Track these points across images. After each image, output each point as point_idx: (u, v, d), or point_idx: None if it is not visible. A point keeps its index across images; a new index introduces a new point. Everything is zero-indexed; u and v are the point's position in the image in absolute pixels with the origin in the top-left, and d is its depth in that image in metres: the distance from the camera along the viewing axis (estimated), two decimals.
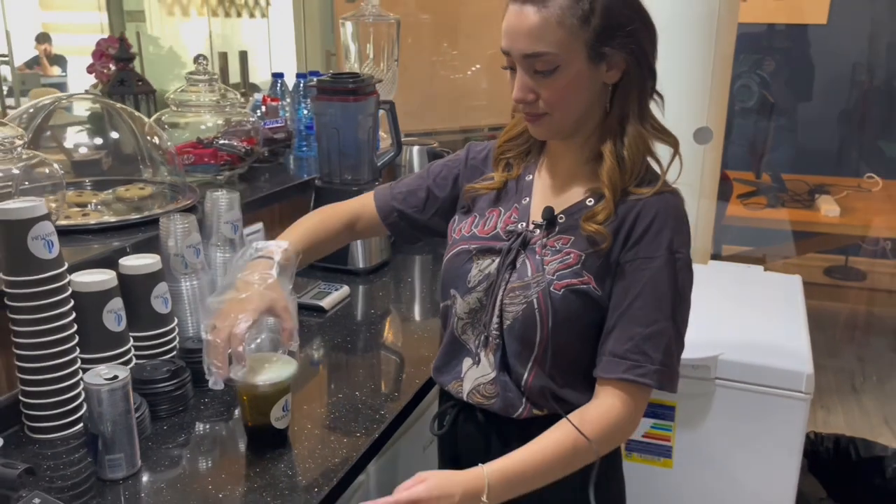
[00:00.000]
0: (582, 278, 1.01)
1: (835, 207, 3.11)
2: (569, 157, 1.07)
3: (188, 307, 1.37)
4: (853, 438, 2.14)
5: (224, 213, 1.43)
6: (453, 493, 0.93)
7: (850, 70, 4.33)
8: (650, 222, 1.00)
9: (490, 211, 1.12)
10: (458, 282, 1.10)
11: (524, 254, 1.05)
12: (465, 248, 1.11)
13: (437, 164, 1.23)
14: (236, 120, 1.80)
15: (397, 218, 1.22)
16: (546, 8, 0.93)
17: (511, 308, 1.04)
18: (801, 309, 1.79)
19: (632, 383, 0.99)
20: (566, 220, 1.04)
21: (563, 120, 1.01)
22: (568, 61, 0.95)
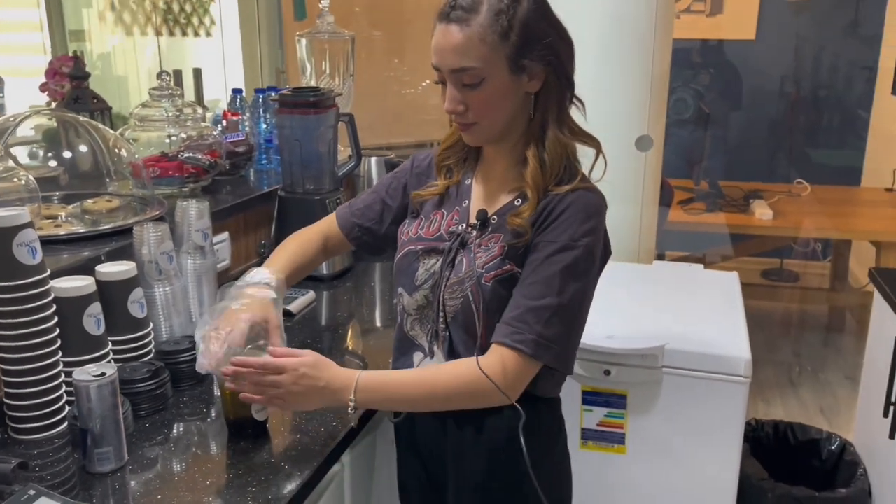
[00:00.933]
0: (505, 266, 1.10)
1: (768, 211, 3.29)
2: (500, 161, 1.17)
3: (162, 312, 1.41)
4: (791, 424, 2.28)
5: (194, 221, 1.48)
6: (320, 377, 1.07)
7: (779, 82, 4.59)
8: (560, 212, 1.09)
9: (434, 213, 1.22)
10: (405, 280, 1.20)
11: (462, 252, 1.15)
12: (413, 248, 1.20)
13: (387, 177, 1.33)
14: (199, 134, 1.85)
15: (359, 233, 1.32)
16: (469, 26, 1.03)
17: (451, 302, 1.14)
18: (739, 302, 1.93)
19: (509, 348, 1.07)
20: (497, 220, 1.14)
21: (490, 127, 1.11)
22: (491, 74, 1.05)
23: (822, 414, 3.13)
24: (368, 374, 1.11)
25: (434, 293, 1.16)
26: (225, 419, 1.19)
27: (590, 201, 1.11)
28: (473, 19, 1.03)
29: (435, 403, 1.13)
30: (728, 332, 1.75)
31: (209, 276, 1.52)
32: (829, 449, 2.19)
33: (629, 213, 2.32)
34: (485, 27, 1.03)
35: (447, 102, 1.09)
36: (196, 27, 5.21)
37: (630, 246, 2.35)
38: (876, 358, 2.03)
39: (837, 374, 3.45)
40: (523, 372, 1.09)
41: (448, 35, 1.04)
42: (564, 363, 1.11)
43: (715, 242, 3.74)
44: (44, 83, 2.08)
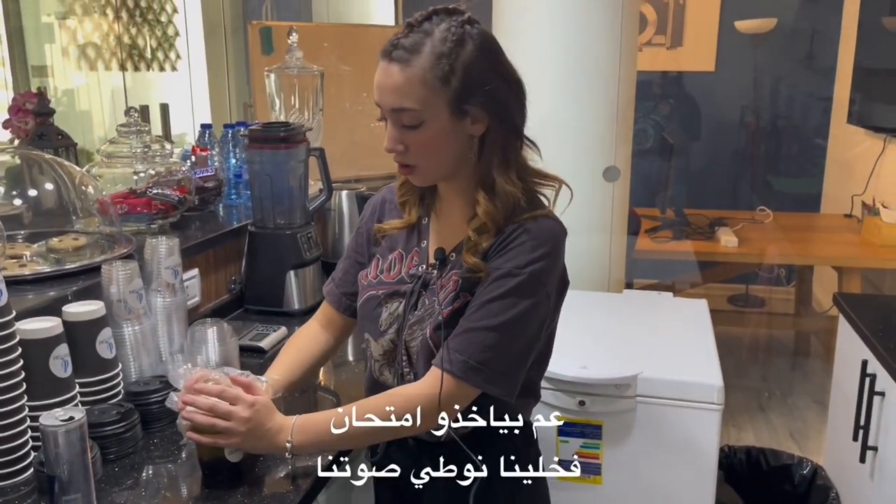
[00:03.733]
0: (460, 299, 1.10)
1: (733, 238, 3.35)
2: (456, 199, 1.15)
3: (131, 351, 1.39)
4: (763, 449, 2.30)
5: (164, 258, 1.46)
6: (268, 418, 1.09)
7: (739, 112, 4.71)
8: (513, 240, 1.08)
9: (392, 255, 1.20)
10: (370, 326, 1.19)
11: (425, 294, 1.14)
12: (374, 293, 1.19)
13: (351, 239, 1.33)
14: (167, 170, 1.84)
15: (349, 302, 1.29)
16: (410, 67, 1.01)
17: (412, 344, 1.13)
18: (709, 329, 1.95)
19: (440, 369, 1.07)
20: (457, 257, 1.14)
21: (431, 170, 1.10)
22: (431, 117, 1.03)
23: (792, 438, 3.16)
24: (305, 415, 1.11)
25: (399, 337, 1.15)
26: (198, 460, 1.16)
27: (543, 229, 1.09)
28: (415, 60, 1.01)
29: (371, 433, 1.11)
30: (700, 360, 1.77)
31: (179, 314, 1.49)
32: (801, 474, 2.20)
33: (599, 243, 2.35)
34: (425, 70, 1.01)
35: (387, 141, 1.07)
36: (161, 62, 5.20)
37: (600, 275, 2.37)
38: (842, 382, 2.06)
39: (805, 397, 3.50)
40: (454, 394, 1.07)
41: (389, 74, 1.03)
42: (500, 387, 1.08)
43: (682, 270, 3.80)
44: (6, 120, 2.06)
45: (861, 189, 3.77)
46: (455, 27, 1.03)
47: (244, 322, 1.77)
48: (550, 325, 1.17)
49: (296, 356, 1.32)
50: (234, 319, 1.83)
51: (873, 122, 3.66)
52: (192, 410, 1.08)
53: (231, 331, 1.51)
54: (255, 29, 3.29)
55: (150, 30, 5.11)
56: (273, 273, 1.84)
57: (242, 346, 1.60)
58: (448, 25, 1.03)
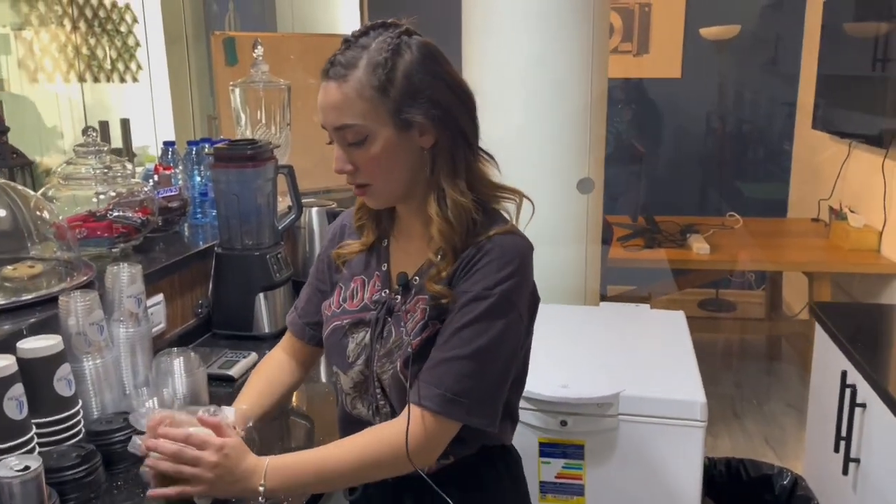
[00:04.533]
0: (429, 329, 1.05)
1: (705, 246, 3.35)
2: (414, 219, 1.11)
3: (92, 387, 1.31)
4: (742, 460, 2.28)
5: (126, 287, 1.39)
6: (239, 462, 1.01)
7: (705, 118, 4.74)
8: (477, 261, 1.03)
9: (354, 281, 1.16)
10: (338, 358, 1.14)
11: (390, 321, 1.09)
12: (339, 323, 1.14)
13: (313, 266, 1.28)
14: (129, 191, 1.76)
15: (312, 331, 1.25)
16: (346, 82, 0.98)
17: (384, 376, 1.08)
18: (688, 342, 1.93)
19: (418, 406, 1.02)
20: (420, 281, 1.09)
21: (385, 187, 1.05)
22: (375, 131, 1.00)
23: (768, 444, 3.17)
24: (279, 457, 1.05)
25: (369, 367, 1.11)
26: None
27: (507, 246, 1.04)
28: (351, 74, 0.98)
29: (349, 476, 1.06)
30: (680, 375, 1.74)
31: (143, 345, 1.42)
32: (781, 484, 2.19)
33: (574, 255, 2.31)
34: (362, 82, 0.98)
35: (335, 162, 1.04)
36: (122, 73, 5.08)
37: (577, 287, 2.34)
38: (821, 392, 2.06)
39: (780, 403, 3.51)
40: (436, 431, 1.02)
41: (328, 92, 1.00)
42: (481, 417, 1.03)
43: (654, 276, 3.80)
44: None
45: (827, 194, 3.81)
46: (391, 38, 1.01)
47: (212, 348, 1.70)
48: (525, 345, 1.12)
49: (265, 385, 1.26)
50: (201, 346, 1.76)
51: (837, 127, 3.70)
52: (157, 457, 1.01)
53: (198, 360, 1.44)
54: (219, 39, 3.22)
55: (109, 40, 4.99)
56: (242, 296, 1.78)
57: (211, 374, 1.54)
58: (385, 37, 1.01)
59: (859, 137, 3.38)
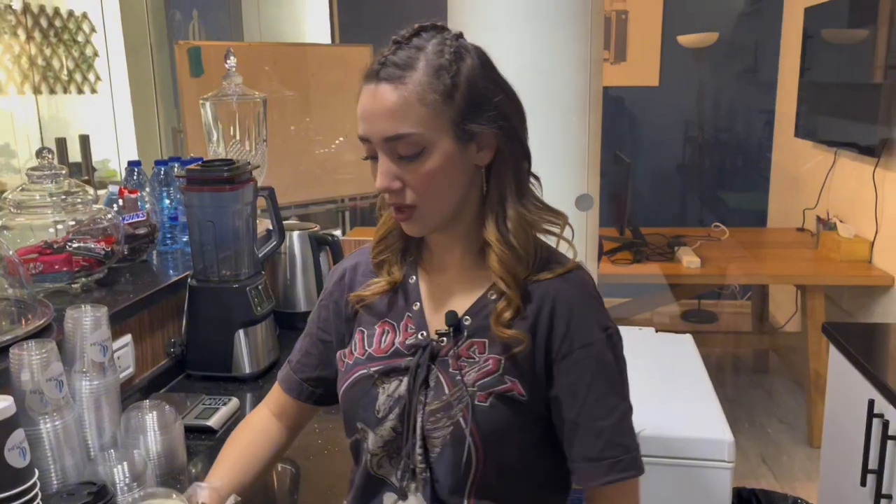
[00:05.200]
0: (505, 385, 0.91)
1: (695, 259, 3.25)
2: (454, 249, 0.97)
3: (50, 453, 1.13)
4: (754, 490, 2.17)
5: (89, 333, 1.21)
6: None
7: (684, 127, 4.67)
8: (572, 309, 0.92)
9: (380, 325, 1.00)
10: (364, 413, 0.97)
11: (435, 368, 0.94)
12: (365, 372, 0.97)
13: (313, 313, 1.11)
14: (90, 218, 1.58)
15: (311, 388, 1.10)
16: (404, 85, 0.85)
17: (436, 434, 0.92)
18: (702, 372, 1.81)
19: (620, 482, 0.91)
20: (472, 322, 0.95)
21: (434, 210, 0.91)
22: (433, 142, 0.87)
23: (765, 464, 3.07)
24: None
25: (403, 422, 0.94)
26: None
27: (590, 281, 0.96)
28: (410, 77, 0.85)
29: None
30: (702, 410, 1.62)
31: (110, 398, 1.24)
32: None
33: None
34: (424, 86, 0.85)
35: (380, 178, 0.88)
36: (80, 84, 4.84)
37: None
38: (839, 417, 1.95)
39: (772, 419, 3.42)
40: (635, 497, 0.94)
41: (379, 97, 0.86)
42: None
43: (643, 291, 3.69)
44: None
45: (812, 203, 3.75)
46: (449, 40, 0.89)
47: (187, 393, 1.52)
48: None
49: (245, 454, 1.09)
50: (174, 390, 1.58)
51: (821, 135, 3.64)
52: None
53: (174, 414, 1.28)
54: (183, 49, 3.05)
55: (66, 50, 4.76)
56: (219, 333, 1.60)
57: (188, 426, 1.36)
58: (441, 39, 0.89)
59: (849, 146, 3.31)
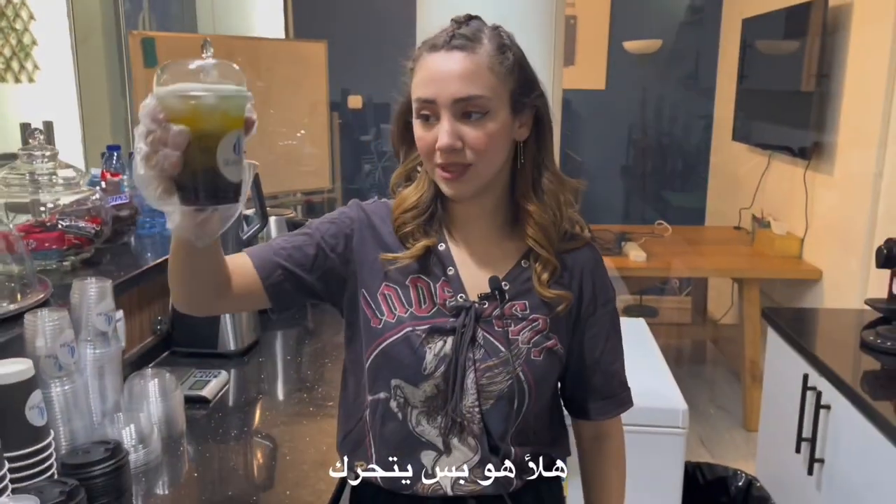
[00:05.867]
0: (552, 341, 1.04)
1: (641, 253, 3.43)
2: (482, 221, 1.06)
3: (60, 416, 1.19)
4: (698, 464, 2.33)
5: (94, 304, 1.27)
6: None
7: (628, 129, 4.88)
8: (594, 274, 1.09)
9: (411, 281, 1.04)
10: (407, 370, 1.02)
11: (480, 329, 1.02)
12: (411, 330, 1.02)
13: (322, 223, 1.09)
14: (75, 199, 1.62)
15: (281, 277, 1.03)
16: (476, 54, 0.96)
17: (493, 387, 1.02)
18: (656, 350, 1.95)
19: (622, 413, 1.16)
20: (511, 287, 1.05)
21: (485, 171, 0.99)
22: (497, 108, 0.97)
23: (704, 446, 3.26)
24: None
25: (447, 380, 1.01)
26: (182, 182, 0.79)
27: (599, 252, 1.13)
28: (479, 48, 0.96)
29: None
30: (658, 383, 1.76)
31: (113, 367, 1.30)
32: (736, 486, 2.25)
33: None
34: (493, 57, 0.97)
35: (444, 136, 0.95)
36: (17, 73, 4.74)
37: None
38: (775, 394, 2.13)
39: (710, 404, 3.63)
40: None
41: (452, 61, 0.96)
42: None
43: None
44: None
45: (748, 203, 3.98)
46: (500, 29, 1.02)
47: (175, 368, 1.58)
48: None
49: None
50: (161, 364, 1.64)
51: (756, 139, 3.88)
52: None
53: (175, 382, 1.35)
54: (136, 39, 3.05)
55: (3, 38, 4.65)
56: None
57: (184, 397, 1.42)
58: (493, 26, 1.02)
59: (782, 149, 3.55)
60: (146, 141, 0.76)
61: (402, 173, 1.10)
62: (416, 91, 0.98)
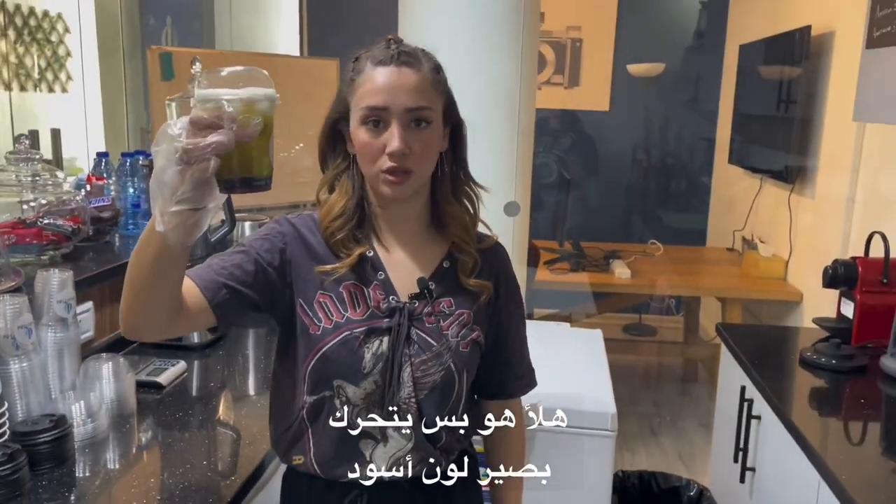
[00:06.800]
0: (475, 332, 1.16)
1: (626, 270, 3.51)
2: (408, 224, 1.16)
3: (18, 390, 1.33)
4: (654, 473, 2.40)
5: (56, 292, 1.41)
6: None
7: (631, 150, 4.96)
8: (506, 268, 1.23)
9: (344, 288, 1.11)
10: (347, 370, 1.10)
11: (413, 327, 1.13)
12: (350, 334, 1.10)
13: (255, 240, 1.13)
14: (58, 199, 1.77)
15: (227, 296, 1.06)
16: (420, 71, 1.08)
17: (427, 379, 1.12)
18: (603, 359, 2.04)
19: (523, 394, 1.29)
20: (438, 286, 1.15)
21: (423, 175, 1.11)
22: (436, 120, 1.09)
23: (681, 460, 3.32)
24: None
25: (384, 376, 1.10)
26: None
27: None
28: (421, 66, 1.08)
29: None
30: (594, 388, 1.85)
31: (72, 350, 1.44)
32: (688, 495, 2.31)
33: None
34: (432, 74, 1.09)
35: (398, 142, 1.04)
36: (51, 83, 4.98)
37: None
38: (725, 407, 2.20)
39: (693, 422, 3.68)
40: None
41: (403, 75, 1.06)
42: None
43: (579, 300, 3.94)
44: None
45: (741, 225, 4.04)
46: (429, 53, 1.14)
47: (140, 356, 1.72)
48: None
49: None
50: (129, 354, 1.77)
51: (750, 163, 3.94)
52: None
53: (127, 365, 1.48)
54: (155, 54, 3.23)
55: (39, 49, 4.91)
56: None
57: (139, 381, 1.56)
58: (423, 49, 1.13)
59: (768, 173, 3.61)
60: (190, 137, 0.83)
61: (327, 181, 1.17)
62: (366, 100, 1.06)
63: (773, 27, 3.62)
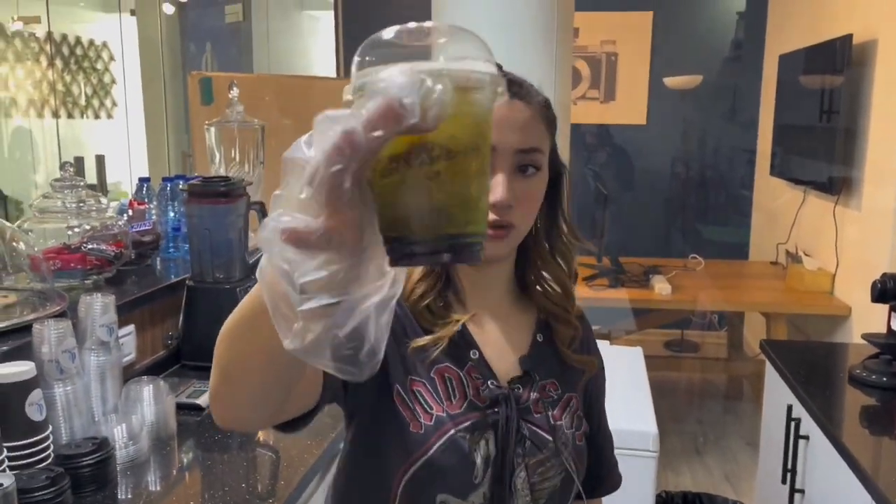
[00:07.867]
0: (585, 422, 0.96)
1: (667, 286, 3.46)
2: (495, 290, 0.94)
3: (62, 413, 1.35)
4: (699, 494, 2.35)
5: (99, 316, 1.44)
6: None
7: (669, 164, 4.90)
8: (594, 341, 1.03)
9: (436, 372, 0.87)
10: (455, 482, 0.85)
11: (522, 420, 0.89)
12: (454, 434, 0.85)
13: None
14: (102, 224, 1.81)
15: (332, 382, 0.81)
16: (531, 105, 0.85)
17: (546, 484, 0.90)
18: (644, 377, 2.01)
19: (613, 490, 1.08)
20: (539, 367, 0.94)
21: (523, 233, 0.88)
22: (544, 164, 0.87)
23: (728, 481, 3.24)
24: None
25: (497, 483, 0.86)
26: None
27: None
28: (532, 99, 0.85)
29: None
30: (635, 408, 1.82)
31: (114, 373, 1.46)
32: None
33: None
34: (543, 109, 0.86)
35: (502, 192, 0.81)
36: (97, 109, 5.14)
37: None
38: (771, 426, 2.14)
39: (738, 440, 3.59)
40: None
41: (514, 109, 0.83)
42: None
43: (619, 317, 3.89)
44: None
45: (784, 238, 3.95)
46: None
47: (181, 378, 1.74)
48: None
49: None
50: (170, 376, 1.79)
51: (793, 174, 3.86)
52: None
53: (167, 388, 1.49)
54: (195, 79, 3.29)
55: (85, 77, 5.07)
56: (211, 328, 1.78)
57: (179, 403, 1.58)
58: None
59: (811, 184, 3.53)
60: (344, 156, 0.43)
61: None
62: None
63: (813, 36, 3.55)
